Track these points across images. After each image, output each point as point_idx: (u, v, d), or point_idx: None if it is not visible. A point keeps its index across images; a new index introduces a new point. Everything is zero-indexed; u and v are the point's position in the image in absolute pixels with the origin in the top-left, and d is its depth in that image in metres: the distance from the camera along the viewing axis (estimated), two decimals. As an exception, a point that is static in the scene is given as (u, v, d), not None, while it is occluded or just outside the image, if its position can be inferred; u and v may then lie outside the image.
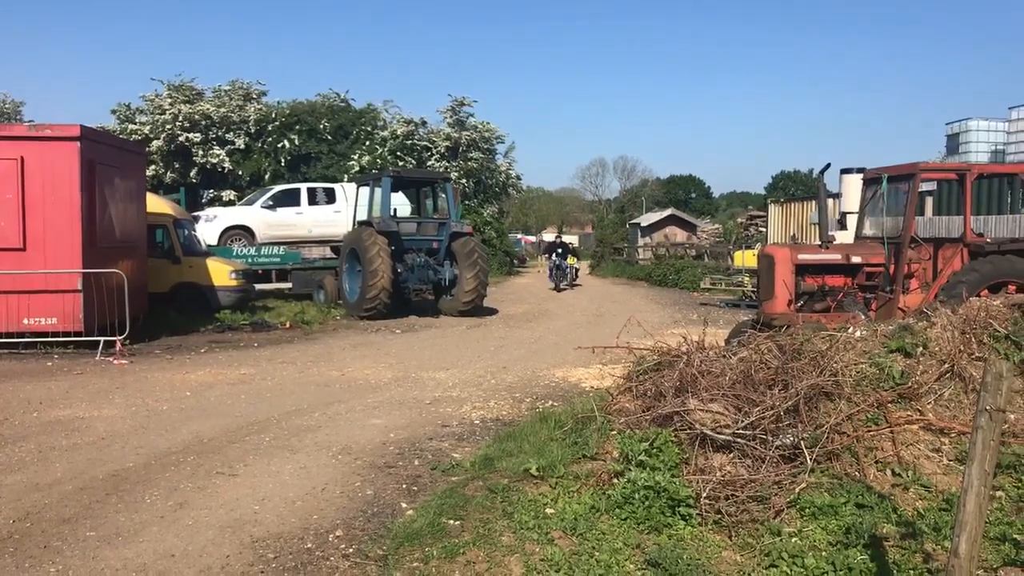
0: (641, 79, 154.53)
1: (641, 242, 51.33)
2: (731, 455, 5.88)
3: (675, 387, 6.46)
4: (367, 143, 34.61)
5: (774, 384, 6.19)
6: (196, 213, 23.94)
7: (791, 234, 29.74)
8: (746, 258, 27.12)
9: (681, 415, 6.11)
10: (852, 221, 15.26)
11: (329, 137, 34.33)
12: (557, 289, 29.29)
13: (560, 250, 30.20)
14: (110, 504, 6.09)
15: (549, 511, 5.56)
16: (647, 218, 60.43)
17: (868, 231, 12.26)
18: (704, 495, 5.46)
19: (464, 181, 36.10)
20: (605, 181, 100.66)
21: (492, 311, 20.95)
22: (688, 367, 6.52)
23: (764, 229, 36.97)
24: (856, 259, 11.35)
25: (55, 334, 13.43)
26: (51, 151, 13.36)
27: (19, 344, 13.35)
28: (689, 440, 5.99)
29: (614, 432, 6.53)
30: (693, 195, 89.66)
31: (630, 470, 5.67)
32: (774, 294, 11.08)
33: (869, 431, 6.11)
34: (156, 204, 18.09)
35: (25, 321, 13.34)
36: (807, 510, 5.40)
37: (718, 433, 5.86)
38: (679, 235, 53.37)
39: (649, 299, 26.13)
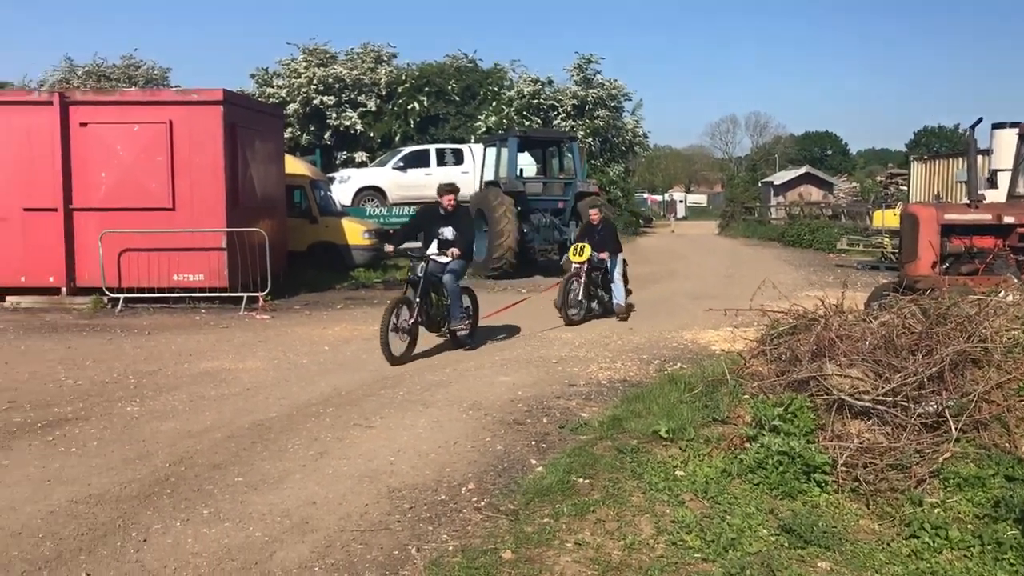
0: (774, 31, 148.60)
1: (774, 201, 49.94)
2: (870, 422, 5.70)
3: (811, 352, 6.30)
4: (494, 103, 34.62)
5: (917, 350, 5.95)
6: (331, 174, 24.69)
7: (935, 193, 28.28)
8: (886, 218, 25.95)
9: (818, 380, 5.95)
10: (1004, 179, 14.38)
11: (457, 98, 34.53)
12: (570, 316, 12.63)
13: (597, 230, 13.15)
14: (255, 452, 6.42)
15: (679, 473, 5.54)
16: (780, 176, 58.72)
17: (1022, 190, 11.54)
18: (841, 462, 5.32)
19: (590, 140, 35.66)
20: (736, 138, 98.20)
21: (618, 271, 20.73)
22: (825, 331, 6.34)
23: (905, 188, 35.32)
24: (1009, 219, 10.70)
25: (202, 290, 14.15)
26: (196, 115, 13.97)
27: (170, 299, 14.15)
28: (825, 406, 5.84)
29: (746, 396, 6.43)
30: (829, 152, 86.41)
31: (763, 435, 5.58)
32: (918, 255, 10.57)
33: (1021, 400, 5.81)
34: (294, 165, 18.75)
35: (175, 277, 14.10)
36: (951, 481, 5.19)
37: (856, 399, 5.69)
38: (814, 194, 51.65)
39: (782, 260, 25.38)
